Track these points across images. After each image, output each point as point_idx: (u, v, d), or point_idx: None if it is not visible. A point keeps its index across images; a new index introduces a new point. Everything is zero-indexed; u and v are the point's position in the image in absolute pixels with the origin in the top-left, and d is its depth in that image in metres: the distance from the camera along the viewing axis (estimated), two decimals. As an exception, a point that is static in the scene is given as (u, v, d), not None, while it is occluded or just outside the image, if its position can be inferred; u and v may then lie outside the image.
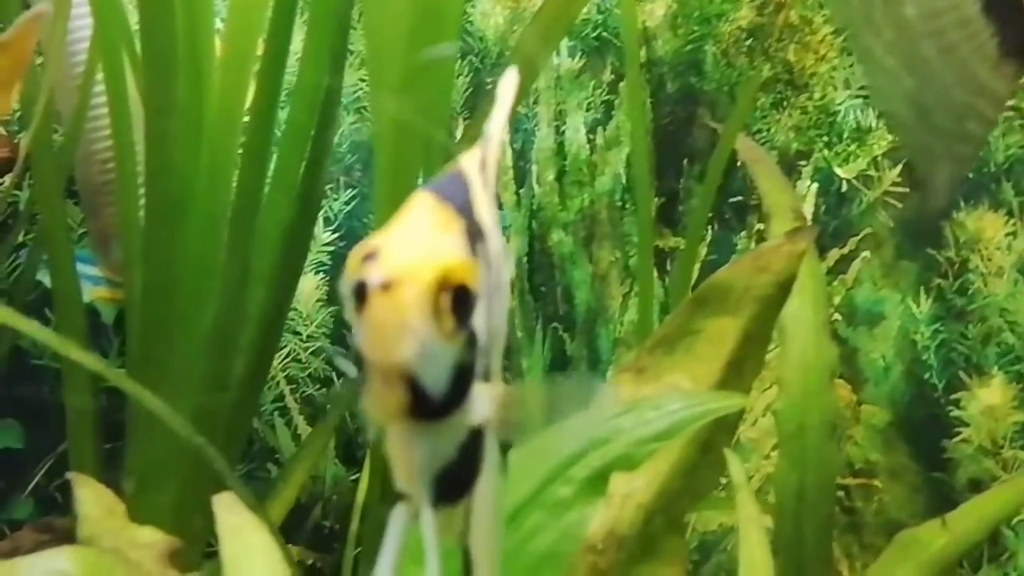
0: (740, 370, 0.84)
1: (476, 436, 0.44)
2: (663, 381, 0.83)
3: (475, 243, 0.42)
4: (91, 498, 0.87)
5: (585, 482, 0.75)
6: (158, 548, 0.85)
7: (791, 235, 0.83)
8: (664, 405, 0.76)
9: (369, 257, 0.37)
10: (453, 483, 0.45)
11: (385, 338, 0.36)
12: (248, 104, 1.08)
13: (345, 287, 0.37)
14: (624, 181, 1.42)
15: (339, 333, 1.40)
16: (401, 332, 0.36)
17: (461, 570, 0.49)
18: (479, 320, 0.40)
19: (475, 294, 0.38)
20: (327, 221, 1.40)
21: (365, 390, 0.38)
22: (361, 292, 0.37)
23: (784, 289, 0.83)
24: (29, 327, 0.82)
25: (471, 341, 0.39)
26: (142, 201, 1.08)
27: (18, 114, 1.27)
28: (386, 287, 0.36)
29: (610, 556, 0.83)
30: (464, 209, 0.43)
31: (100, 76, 1.10)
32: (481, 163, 0.47)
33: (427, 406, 0.39)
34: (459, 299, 0.37)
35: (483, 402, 0.42)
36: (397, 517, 0.44)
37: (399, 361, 0.37)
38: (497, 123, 0.49)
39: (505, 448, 0.48)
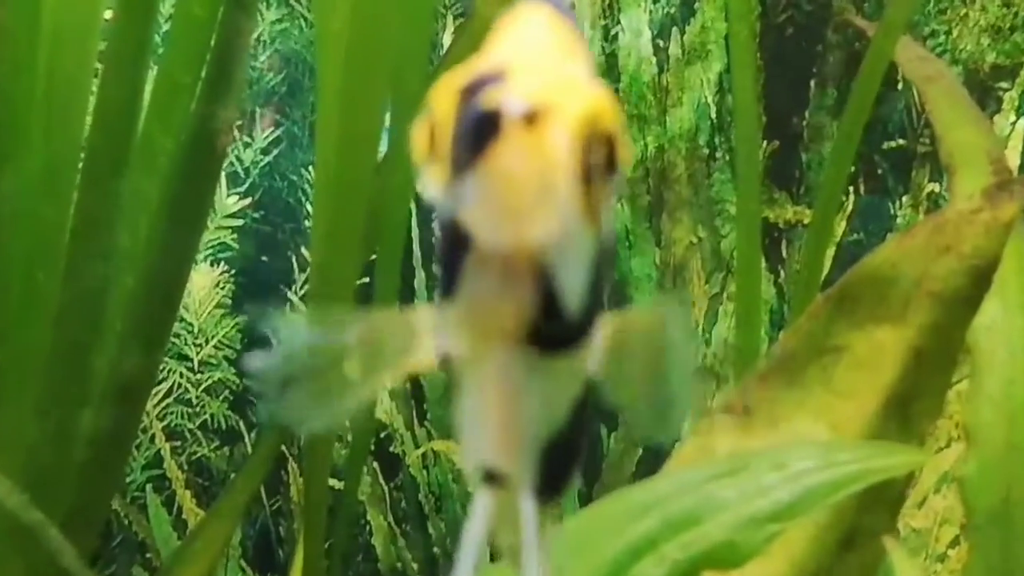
0: (906, 412, 0.86)
1: (587, 396, 0.46)
2: (782, 428, 0.85)
3: None
4: None
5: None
6: None
7: (991, 194, 0.85)
8: (789, 463, 0.77)
9: (491, 80, 0.38)
10: (559, 465, 0.47)
11: (522, 201, 0.37)
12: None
13: (464, 122, 0.38)
14: (713, 115, 1.43)
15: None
16: (545, 193, 0.37)
17: None
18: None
19: (619, 157, 0.40)
20: (233, 180, 1.41)
21: (466, 295, 0.40)
22: (482, 129, 0.37)
23: (980, 281, 0.84)
24: None
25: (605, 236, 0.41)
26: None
27: None
28: (531, 119, 0.37)
29: None
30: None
31: None
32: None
33: (556, 324, 0.40)
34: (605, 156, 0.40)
35: (599, 340, 0.44)
36: (479, 507, 0.46)
37: (537, 238, 0.38)
38: None
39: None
